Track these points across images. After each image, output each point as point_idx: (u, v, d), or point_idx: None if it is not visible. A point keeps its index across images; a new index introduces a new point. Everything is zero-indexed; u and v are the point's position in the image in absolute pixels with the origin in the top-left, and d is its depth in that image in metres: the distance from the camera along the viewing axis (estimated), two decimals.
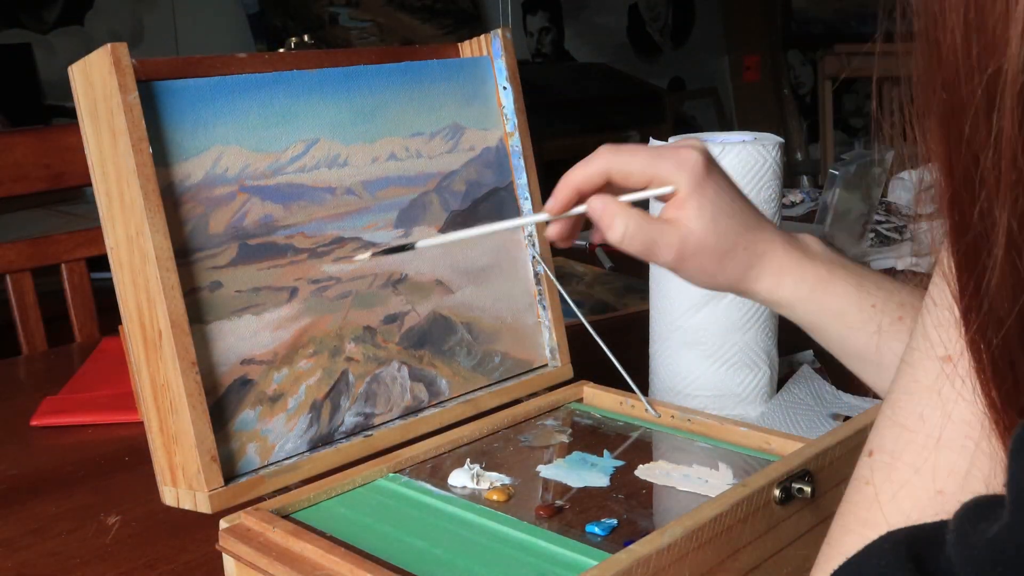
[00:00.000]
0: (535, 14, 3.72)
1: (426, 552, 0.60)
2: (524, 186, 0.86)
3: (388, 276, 0.78)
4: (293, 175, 0.73)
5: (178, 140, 0.68)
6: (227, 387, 0.68)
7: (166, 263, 0.64)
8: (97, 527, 0.74)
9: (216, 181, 0.69)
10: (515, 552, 0.59)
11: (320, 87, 0.75)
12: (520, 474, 0.70)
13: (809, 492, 0.61)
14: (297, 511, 0.65)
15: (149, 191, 0.64)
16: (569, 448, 0.74)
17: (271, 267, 0.71)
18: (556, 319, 0.87)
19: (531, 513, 0.64)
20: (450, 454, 0.73)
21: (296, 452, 0.71)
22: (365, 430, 0.75)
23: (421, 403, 0.79)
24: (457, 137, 0.83)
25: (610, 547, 0.58)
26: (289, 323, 0.72)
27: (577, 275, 1.40)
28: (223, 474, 0.66)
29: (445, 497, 0.66)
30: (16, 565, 0.69)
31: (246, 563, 0.60)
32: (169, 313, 0.64)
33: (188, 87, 0.68)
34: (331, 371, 0.73)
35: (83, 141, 0.67)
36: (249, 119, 0.71)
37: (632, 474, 0.69)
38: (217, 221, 0.69)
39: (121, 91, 0.64)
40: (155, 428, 0.67)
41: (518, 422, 0.78)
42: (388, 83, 0.79)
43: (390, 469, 0.70)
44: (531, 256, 0.87)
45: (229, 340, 0.68)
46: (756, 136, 0.89)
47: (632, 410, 0.79)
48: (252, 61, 0.72)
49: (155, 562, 0.69)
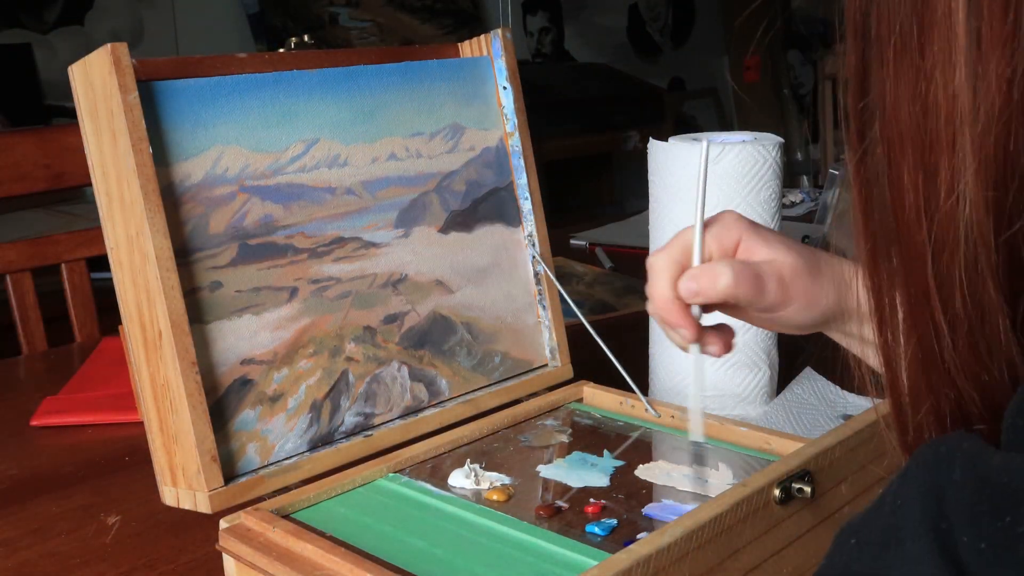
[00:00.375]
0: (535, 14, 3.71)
1: (426, 552, 0.60)
2: (524, 186, 0.86)
3: (388, 276, 0.78)
4: (293, 175, 0.73)
5: (178, 140, 0.68)
6: (227, 387, 0.68)
7: (166, 263, 0.64)
8: (97, 527, 0.74)
9: (216, 181, 0.69)
10: (515, 552, 0.59)
11: (320, 87, 0.75)
12: (520, 474, 0.69)
13: (809, 492, 0.61)
14: (297, 511, 0.65)
15: (149, 191, 0.64)
16: (569, 448, 0.74)
17: (271, 267, 0.71)
18: (556, 319, 0.87)
19: (531, 513, 0.64)
20: (450, 454, 0.73)
21: (296, 452, 0.71)
22: (365, 430, 0.75)
23: (421, 403, 0.79)
24: (457, 137, 0.83)
25: (610, 547, 0.58)
26: (289, 323, 0.72)
27: (577, 275, 1.40)
28: (223, 474, 0.66)
29: (445, 497, 0.66)
30: (16, 565, 0.69)
31: (246, 563, 0.60)
32: (169, 313, 0.64)
33: (188, 87, 0.68)
34: (331, 371, 0.73)
35: (83, 141, 0.67)
36: (249, 119, 0.71)
37: (632, 474, 0.69)
38: (217, 221, 0.69)
39: (121, 91, 0.64)
40: (155, 428, 0.67)
41: (518, 422, 0.78)
42: (388, 83, 0.79)
43: (390, 469, 0.70)
44: (531, 256, 0.87)
45: (229, 340, 0.68)
46: (756, 136, 0.89)
47: (632, 410, 0.79)
48: (252, 61, 0.72)
49: (155, 562, 0.69)
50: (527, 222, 0.87)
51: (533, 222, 0.86)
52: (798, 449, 0.65)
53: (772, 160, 0.87)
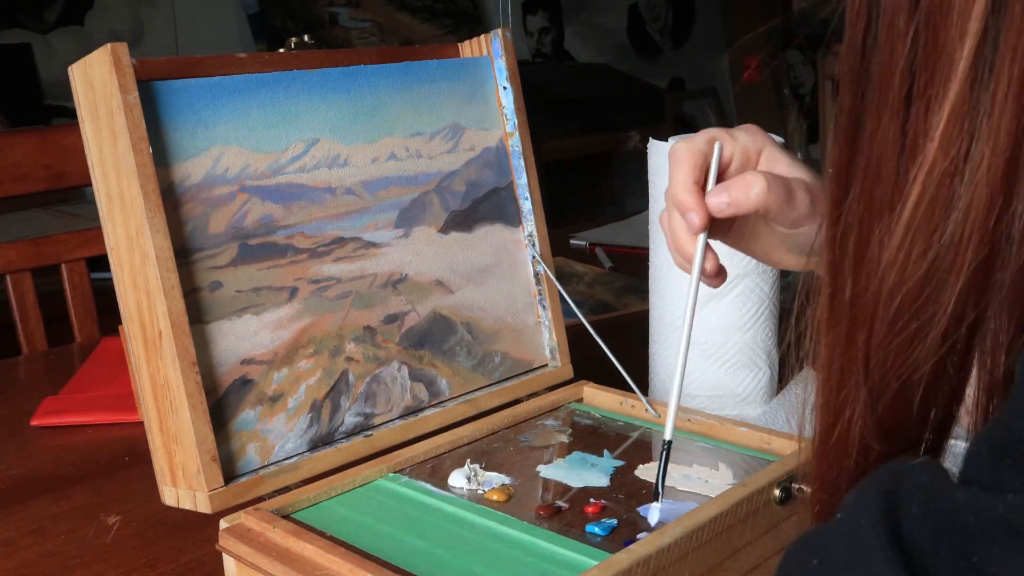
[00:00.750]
0: (535, 14, 3.71)
1: (426, 552, 0.60)
2: (524, 186, 0.86)
3: (388, 276, 0.78)
4: (293, 175, 0.73)
5: (178, 140, 0.68)
6: (227, 387, 0.68)
7: (166, 263, 0.64)
8: (97, 527, 0.74)
9: (216, 181, 0.69)
10: (515, 552, 0.59)
11: (320, 87, 0.75)
12: (520, 474, 0.70)
13: (809, 492, 0.61)
14: (297, 511, 0.65)
15: (149, 191, 0.64)
16: (569, 448, 0.74)
17: (271, 267, 0.71)
18: (556, 319, 0.87)
19: (531, 513, 0.64)
20: (450, 454, 0.73)
21: (296, 452, 0.71)
22: (365, 430, 0.75)
23: (421, 403, 0.79)
24: (457, 137, 0.83)
25: (610, 547, 0.58)
26: (289, 323, 0.72)
27: (577, 275, 1.40)
28: (223, 474, 0.66)
29: (445, 497, 0.66)
30: (16, 565, 0.69)
31: (246, 563, 0.60)
32: (169, 313, 0.64)
33: (188, 87, 0.68)
34: (331, 371, 0.73)
35: (83, 141, 0.67)
36: (249, 119, 0.71)
37: (632, 474, 0.69)
38: (217, 221, 0.69)
39: (121, 91, 0.64)
40: (155, 428, 0.67)
41: (518, 422, 0.78)
42: (388, 83, 0.79)
43: (390, 469, 0.70)
44: (531, 256, 0.87)
45: (229, 340, 0.68)
46: None
47: (632, 410, 0.79)
48: (252, 61, 0.72)
49: (155, 562, 0.69)
50: (527, 222, 0.87)
51: (533, 222, 0.86)
52: (798, 449, 0.65)
53: None
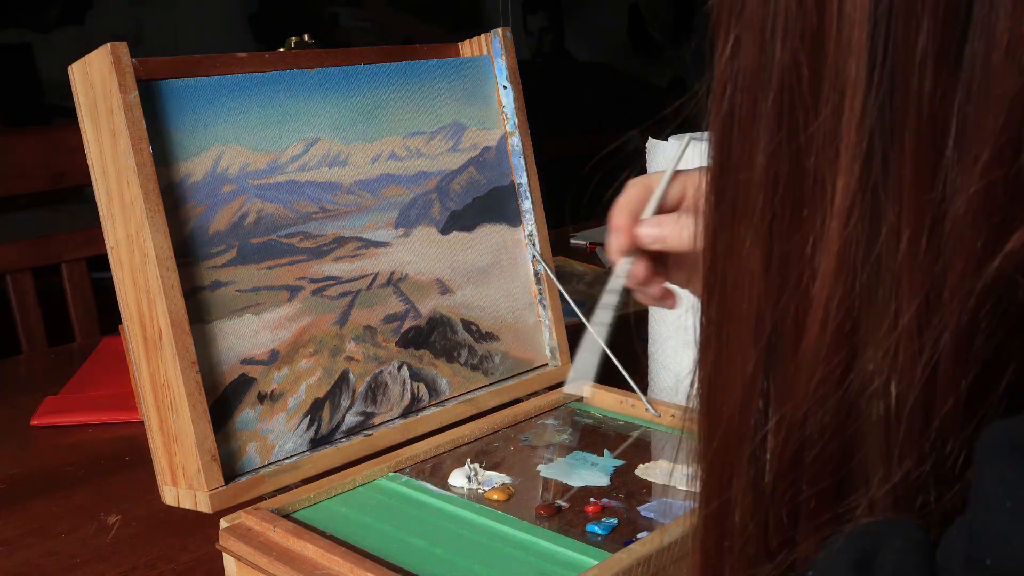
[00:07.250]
0: (535, 14, 3.71)
1: (426, 551, 0.60)
2: (524, 185, 0.86)
3: (388, 276, 0.78)
4: (293, 174, 0.73)
5: (178, 139, 0.68)
6: (227, 386, 0.68)
7: (166, 263, 0.64)
8: (97, 527, 0.74)
9: (216, 180, 0.69)
10: (515, 552, 0.59)
11: (320, 86, 0.75)
12: (520, 474, 0.69)
13: None
14: (297, 510, 0.65)
15: (149, 191, 0.64)
16: (569, 448, 0.74)
17: (271, 267, 0.71)
18: (556, 319, 0.87)
19: (531, 513, 0.64)
20: (450, 454, 0.73)
21: (296, 451, 0.71)
22: (365, 429, 0.75)
23: (421, 403, 0.79)
24: (457, 136, 0.83)
25: (610, 547, 0.58)
26: (289, 322, 0.72)
27: (577, 275, 1.40)
28: (223, 473, 0.66)
29: (445, 496, 0.66)
30: (16, 565, 0.69)
31: (246, 562, 0.60)
32: (169, 313, 0.64)
33: (188, 87, 0.68)
34: (331, 370, 0.73)
35: (83, 141, 0.67)
36: (249, 118, 0.71)
37: (632, 474, 0.69)
38: (217, 221, 0.69)
39: (121, 91, 0.64)
40: (155, 428, 0.67)
41: (518, 421, 0.78)
42: (388, 83, 0.79)
43: (390, 468, 0.70)
44: (531, 256, 0.87)
45: (229, 340, 0.68)
46: None
47: (632, 409, 0.79)
48: (252, 61, 0.72)
49: (155, 562, 0.69)
50: (527, 222, 0.87)
51: (533, 222, 0.86)
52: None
53: None
